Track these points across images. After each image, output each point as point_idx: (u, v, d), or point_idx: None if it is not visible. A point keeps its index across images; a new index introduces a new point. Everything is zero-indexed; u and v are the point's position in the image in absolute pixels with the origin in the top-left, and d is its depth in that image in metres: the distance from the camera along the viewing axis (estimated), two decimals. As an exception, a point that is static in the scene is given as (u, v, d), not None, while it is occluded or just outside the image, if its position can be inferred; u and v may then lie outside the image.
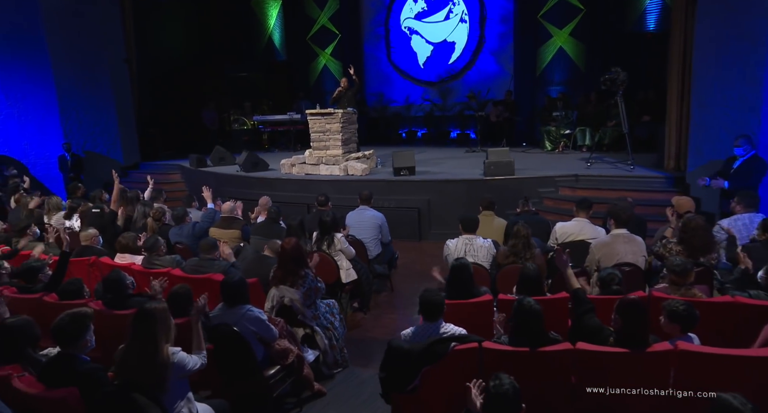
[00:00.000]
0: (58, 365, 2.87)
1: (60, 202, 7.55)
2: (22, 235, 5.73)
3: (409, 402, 2.99)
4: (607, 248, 4.50)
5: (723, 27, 6.43)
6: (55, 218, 7.19)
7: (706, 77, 6.79)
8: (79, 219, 6.88)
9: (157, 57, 14.17)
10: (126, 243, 5.26)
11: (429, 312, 3.10)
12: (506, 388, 2.17)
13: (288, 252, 4.18)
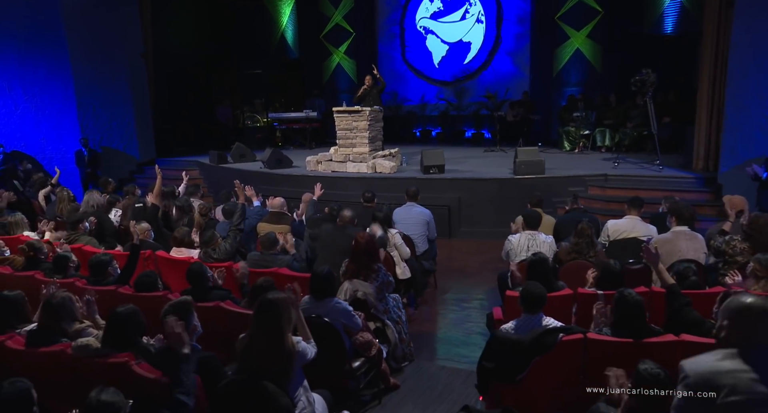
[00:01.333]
0: (166, 354, 2.90)
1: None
2: (76, 228, 5.72)
3: (512, 392, 3.05)
4: (669, 245, 4.58)
5: (763, 30, 6.55)
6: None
7: (743, 79, 6.92)
8: (119, 213, 6.87)
9: (169, 53, 14.10)
10: (181, 238, 5.28)
11: (531, 305, 3.16)
12: (657, 371, 2.23)
13: (363, 246, 4.22)
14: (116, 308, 3.14)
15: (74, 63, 11.48)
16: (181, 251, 5.23)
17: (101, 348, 3.02)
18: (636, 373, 2.26)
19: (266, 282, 3.76)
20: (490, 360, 3.03)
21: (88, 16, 11.44)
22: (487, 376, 3.11)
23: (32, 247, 5.08)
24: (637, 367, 2.28)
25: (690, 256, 4.51)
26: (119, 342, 3.05)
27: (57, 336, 3.28)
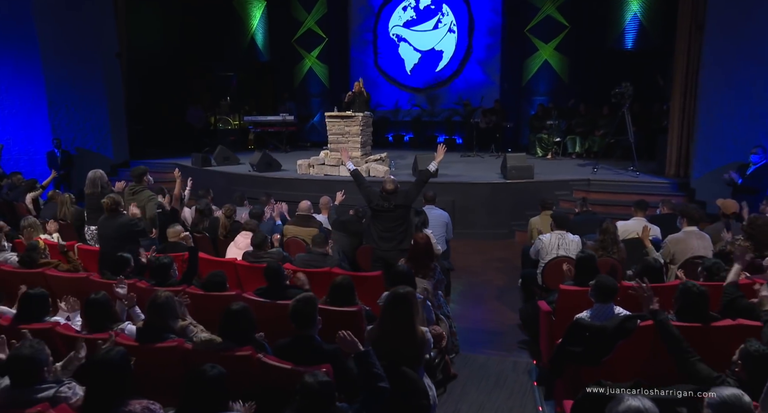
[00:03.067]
0: (299, 346, 3.11)
1: None
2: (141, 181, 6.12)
3: (593, 372, 3.44)
4: (682, 244, 5.15)
5: (733, 51, 7.36)
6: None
7: (714, 94, 7.73)
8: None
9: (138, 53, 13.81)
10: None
11: (603, 295, 3.57)
12: (764, 349, 2.65)
13: (421, 246, 4.53)
14: (230, 306, 3.32)
15: (45, 60, 11.09)
16: (247, 235, 5.42)
17: (223, 342, 3.20)
18: (744, 352, 2.67)
19: (345, 280, 4.00)
20: (575, 345, 3.42)
21: (60, 12, 11.08)
22: (570, 360, 3.49)
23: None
24: (746, 346, 2.69)
25: (701, 253, 5.08)
26: (234, 337, 3.24)
27: (165, 333, 3.41)
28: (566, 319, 4.14)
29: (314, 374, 2.34)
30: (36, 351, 2.64)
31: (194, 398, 2.41)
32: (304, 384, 2.29)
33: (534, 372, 4.60)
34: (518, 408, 4.04)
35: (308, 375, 2.33)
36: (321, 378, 2.31)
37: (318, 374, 2.34)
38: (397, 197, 5.33)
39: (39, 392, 2.62)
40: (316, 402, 2.27)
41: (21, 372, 2.61)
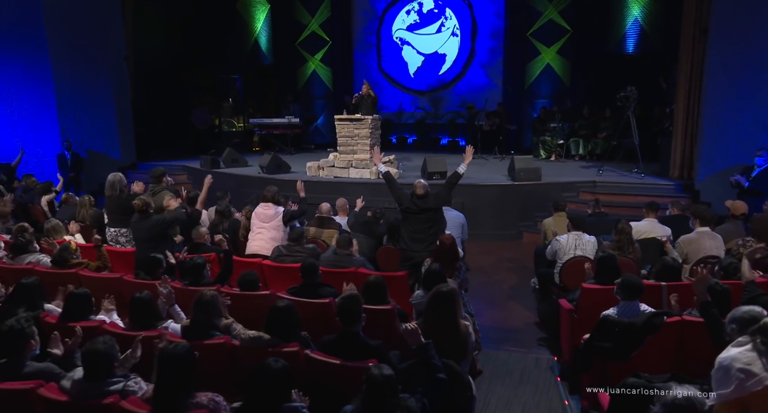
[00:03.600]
0: (345, 342, 3.26)
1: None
2: (160, 181, 6.39)
3: (621, 367, 3.60)
4: (695, 244, 5.33)
5: (737, 56, 7.57)
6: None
7: (718, 98, 7.92)
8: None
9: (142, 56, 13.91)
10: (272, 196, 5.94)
11: (630, 293, 3.73)
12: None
13: (447, 247, 4.68)
14: (276, 304, 3.46)
15: (54, 63, 11.14)
16: (268, 206, 5.72)
17: (271, 339, 3.33)
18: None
19: (377, 279, 4.15)
20: (604, 340, 3.58)
21: (69, 16, 11.15)
22: (599, 355, 3.65)
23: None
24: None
25: (713, 253, 5.27)
26: (281, 334, 3.37)
27: (211, 330, 3.54)
28: (588, 317, 4.32)
29: (379, 366, 2.48)
30: (109, 347, 2.78)
31: (261, 390, 2.54)
32: (370, 375, 2.43)
33: (556, 368, 4.76)
34: (545, 402, 4.19)
35: (374, 368, 2.47)
36: (386, 370, 2.45)
37: (383, 367, 2.48)
38: (428, 200, 5.47)
39: (110, 385, 2.75)
40: (381, 393, 2.41)
41: (94, 366, 2.74)
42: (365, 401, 2.43)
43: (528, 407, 4.13)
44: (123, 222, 6.16)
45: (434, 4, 14.20)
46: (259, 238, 5.77)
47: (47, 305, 4.09)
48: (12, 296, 3.93)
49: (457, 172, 5.81)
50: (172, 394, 2.60)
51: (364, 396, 2.44)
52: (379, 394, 2.40)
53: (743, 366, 2.42)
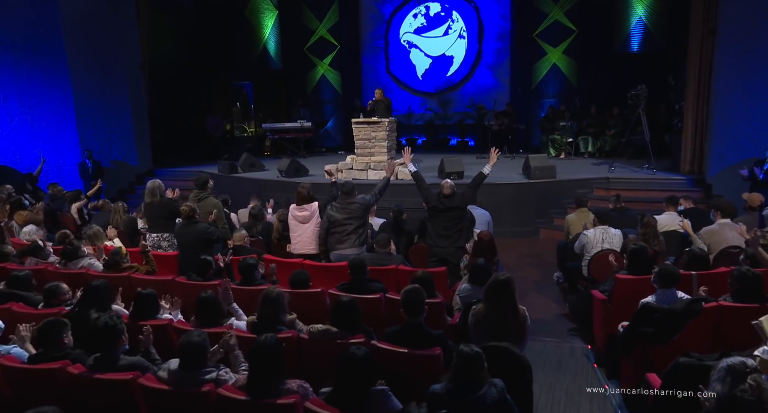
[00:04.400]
0: (410, 332, 3.49)
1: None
2: (204, 188, 6.62)
3: (662, 350, 3.84)
4: (717, 235, 5.58)
5: (747, 55, 7.84)
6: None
7: (728, 96, 8.20)
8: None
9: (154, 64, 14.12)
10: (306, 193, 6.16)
11: (668, 281, 3.98)
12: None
13: (485, 242, 4.93)
14: (340, 299, 3.70)
15: (73, 74, 11.38)
16: (303, 208, 6.03)
17: (339, 331, 3.57)
18: None
19: (425, 274, 4.38)
20: (646, 326, 3.82)
21: (87, 26, 11.38)
22: (641, 340, 3.89)
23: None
24: None
25: (735, 243, 5.52)
26: (346, 326, 3.61)
27: (278, 325, 3.77)
28: (622, 306, 4.57)
29: (468, 344, 2.72)
30: (203, 340, 3.01)
31: (349, 376, 2.77)
32: (461, 352, 2.67)
33: (591, 356, 5.00)
34: (586, 387, 4.43)
35: (464, 345, 2.71)
36: (474, 348, 2.69)
37: (471, 345, 2.72)
38: (454, 199, 5.73)
39: (204, 374, 2.98)
40: (472, 368, 2.64)
41: (191, 356, 2.97)
42: (457, 377, 2.66)
43: (571, 392, 4.37)
44: (165, 227, 6.38)
45: (441, 7, 14.46)
46: (302, 238, 5.99)
47: (114, 306, 4.31)
48: (82, 298, 4.15)
49: (482, 172, 6.07)
50: (265, 381, 2.84)
51: (454, 373, 2.66)
52: (471, 369, 2.64)
53: None
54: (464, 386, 2.63)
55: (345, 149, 14.73)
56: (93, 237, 6.35)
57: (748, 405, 2.35)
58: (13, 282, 4.60)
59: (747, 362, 2.54)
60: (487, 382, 2.66)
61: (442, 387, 2.69)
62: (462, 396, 2.64)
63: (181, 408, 2.94)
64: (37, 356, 3.32)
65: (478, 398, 2.64)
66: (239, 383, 2.94)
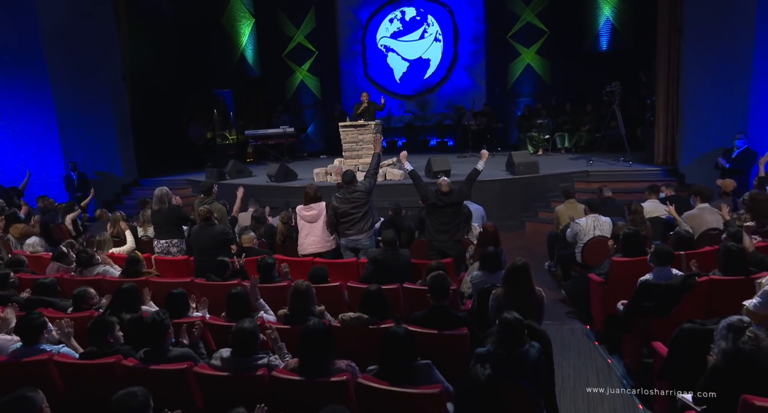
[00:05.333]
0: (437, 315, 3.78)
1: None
2: (210, 194, 6.77)
3: (661, 323, 4.20)
4: (698, 219, 6.01)
5: (712, 51, 8.37)
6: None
7: (697, 90, 8.73)
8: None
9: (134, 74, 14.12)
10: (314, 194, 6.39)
11: (663, 260, 4.34)
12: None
13: (490, 233, 5.26)
14: (368, 288, 3.96)
15: (55, 85, 11.37)
16: (311, 208, 6.21)
17: (369, 318, 3.83)
18: None
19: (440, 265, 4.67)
20: (647, 301, 4.18)
21: (67, 38, 11.37)
22: (642, 314, 4.25)
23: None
24: None
25: (714, 226, 5.97)
26: (375, 313, 3.87)
27: (309, 316, 4.00)
28: (619, 286, 4.95)
29: (511, 312, 3.02)
30: (255, 327, 3.24)
31: (393, 353, 3.03)
32: (504, 319, 2.98)
33: (591, 335, 5.36)
34: (591, 363, 4.79)
35: (507, 313, 3.01)
36: (515, 315, 3.00)
37: (512, 312, 3.03)
38: (452, 196, 6.03)
39: (257, 360, 3.21)
40: (515, 332, 2.97)
41: (243, 343, 3.20)
42: (501, 340, 2.96)
43: (578, 368, 4.71)
44: (173, 233, 6.53)
45: (416, 11, 14.83)
46: (311, 237, 6.21)
47: (143, 306, 4.48)
48: (113, 301, 4.31)
49: (476, 169, 6.38)
50: (316, 362, 3.08)
51: (498, 337, 2.97)
52: (513, 333, 2.95)
53: None
54: (508, 346, 2.94)
55: (327, 153, 14.99)
56: (101, 244, 6.49)
57: (749, 353, 2.71)
58: (39, 289, 4.72)
59: (743, 319, 2.91)
60: (527, 343, 2.97)
61: (487, 349, 2.98)
62: (508, 353, 2.99)
63: (238, 392, 3.15)
64: (88, 353, 3.49)
65: (521, 354, 3.01)
66: (290, 366, 3.18)
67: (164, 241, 6.58)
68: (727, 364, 2.81)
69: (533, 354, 3.04)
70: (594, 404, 4.12)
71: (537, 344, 3.05)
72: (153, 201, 6.71)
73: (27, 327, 3.57)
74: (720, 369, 2.87)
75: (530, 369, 2.98)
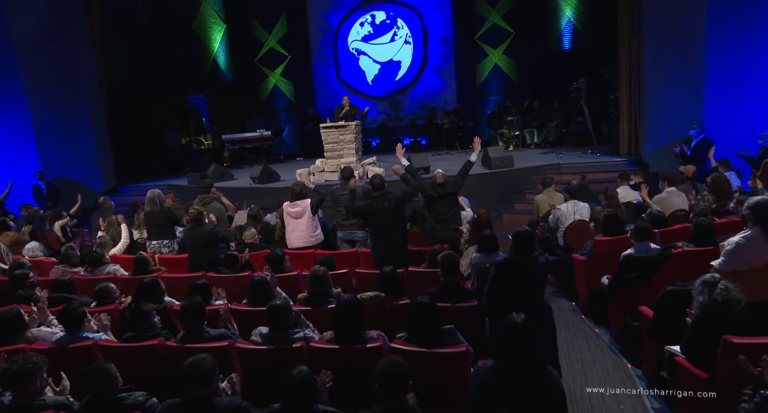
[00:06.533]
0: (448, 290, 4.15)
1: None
2: (208, 192, 7.08)
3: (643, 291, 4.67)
4: (666, 201, 6.59)
5: (669, 50, 9.05)
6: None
7: (656, 85, 9.40)
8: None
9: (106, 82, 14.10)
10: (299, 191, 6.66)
11: (643, 235, 4.83)
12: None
13: (484, 219, 5.68)
14: (384, 269, 4.32)
15: (30, 94, 11.33)
16: (296, 204, 6.47)
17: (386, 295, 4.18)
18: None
19: (441, 248, 5.06)
20: (630, 272, 4.66)
21: (41, 46, 11.35)
22: (626, 284, 4.73)
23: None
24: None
25: (681, 207, 6.55)
26: (391, 291, 4.24)
27: (328, 298, 4.34)
28: (602, 263, 5.43)
29: (521, 226, 3.74)
30: (287, 303, 3.56)
31: (421, 320, 3.39)
32: (517, 232, 3.92)
33: (577, 310, 5.84)
34: (580, 333, 5.27)
35: (519, 227, 3.66)
36: (526, 228, 3.90)
37: (524, 226, 3.76)
38: (447, 187, 6.42)
39: (293, 334, 3.52)
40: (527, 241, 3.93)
41: (279, 318, 3.51)
42: (515, 249, 3.94)
43: (570, 338, 5.18)
44: (165, 234, 6.76)
45: (386, 15, 15.26)
46: (297, 232, 6.51)
47: (166, 298, 4.72)
48: (137, 294, 4.54)
49: (469, 160, 6.74)
50: (351, 332, 3.42)
51: (512, 247, 3.89)
52: (525, 243, 3.96)
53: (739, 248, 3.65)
54: (521, 254, 3.78)
55: (302, 156, 15.25)
56: (102, 245, 6.66)
57: (723, 302, 3.18)
58: (60, 287, 4.91)
59: (715, 275, 3.37)
60: (536, 252, 3.73)
61: (504, 257, 3.90)
62: (519, 260, 3.95)
63: (279, 363, 3.45)
64: (129, 338, 3.74)
65: (531, 258, 3.94)
66: (327, 337, 3.51)
67: (156, 242, 6.80)
68: (706, 314, 3.28)
69: (542, 259, 4.00)
70: (588, 365, 4.58)
71: (544, 253, 3.98)
72: (145, 203, 6.90)
73: (69, 316, 3.79)
74: (701, 319, 3.33)
75: (539, 273, 4.01)
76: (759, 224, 3.63)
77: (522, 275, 4.00)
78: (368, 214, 5.80)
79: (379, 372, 2.55)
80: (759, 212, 3.64)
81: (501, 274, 4.03)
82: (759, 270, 3.63)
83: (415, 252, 6.01)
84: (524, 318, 2.68)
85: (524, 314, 2.75)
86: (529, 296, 4.01)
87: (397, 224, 5.77)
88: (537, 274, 4.04)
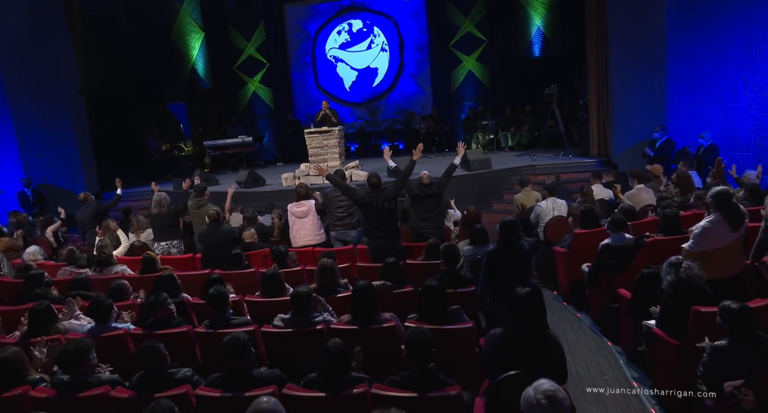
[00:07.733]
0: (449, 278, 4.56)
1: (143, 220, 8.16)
2: (203, 195, 7.33)
3: (620, 276, 5.16)
4: (636, 197, 7.13)
5: (634, 56, 9.69)
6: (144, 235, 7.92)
7: (623, 89, 10.03)
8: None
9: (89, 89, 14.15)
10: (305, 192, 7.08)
11: (619, 226, 5.32)
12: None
13: (473, 215, 6.13)
14: (388, 260, 4.70)
15: (12, 101, 11.36)
16: (301, 204, 6.80)
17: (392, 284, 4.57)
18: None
19: (436, 241, 5.47)
20: (609, 260, 5.15)
21: (23, 53, 11.40)
22: (605, 271, 5.22)
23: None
24: None
25: (649, 203, 7.10)
26: (395, 280, 4.62)
27: (337, 288, 4.70)
28: (581, 254, 5.92)
29: (507, 218, 3.88)
30: (309, 290, 3.91)
31: (430, 301, 3.78)
32: (504, 222, 4.35)
33: (560, 298, 6.32)
34: (564, 318, 5.74)
35: (504, 218, 3.89)
36: (512, 218, 3.96)
37: (509, 217, 3.91)
38: (432, 187, 6.83)
39: (314, 318, 3.88)
40: (512, 230, 4.41)
41: (302, 303, 3.85)
42: (502, 238, 4.39)
43: (554, 322, 5.63)
44: (173, 235, 7.01)
45: (363, 23, 15.70)
46: (303, 231, 6.86)
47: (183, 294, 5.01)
48: (155, 288, 4.82)
49: (453, 163, 7.19)
50: (367, 314, 3.79)
51: (500, 236, 4.31)
52: (511, 232, 4.44)
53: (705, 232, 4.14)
54: (508, 242, 4.24)
55: (282, 161, 15.53)
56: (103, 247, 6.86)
57: (687, 280, 3.67)
58: (76, 285, 5.15)
59: (678, 257, 3.86)
60: (522, 239, 4.26)
61: (494, 247, 4.32)
62: (507, 247, 4.37)
63: (301, 344, 3.81)
64: (152, 324, 4.04)
65: (519, 245, 4.41)
66: (345, 320, 3.87)
67: (165, 243, 7.05)
68: (674, 290, 3.76)
69: (527, 244, 4.49)
70: (573, 345, 5.04)
71: (530, 239, 4.47)
72: (152, 206, 7.15)
73: (98, 308, 4.07)
74: (671, 295, 3.81)
75: (525, 257, 4.50)
76: (720, 210, 4.14)
77: (511, 260, 4.45)
78: (366, 205, 6.13)
79: (407, 338, 2.93)
80: (719, 199, 4.15)
81: (493, 262, 4.46)
82: (721, 250, 4.13)
83: (405, 248, 6.40)
84: (528, 292, 3.09)
85: None
86: (519, 278, 4.37)
87: (391, 217, 6.15)
88: (524, 258, 4.52)
